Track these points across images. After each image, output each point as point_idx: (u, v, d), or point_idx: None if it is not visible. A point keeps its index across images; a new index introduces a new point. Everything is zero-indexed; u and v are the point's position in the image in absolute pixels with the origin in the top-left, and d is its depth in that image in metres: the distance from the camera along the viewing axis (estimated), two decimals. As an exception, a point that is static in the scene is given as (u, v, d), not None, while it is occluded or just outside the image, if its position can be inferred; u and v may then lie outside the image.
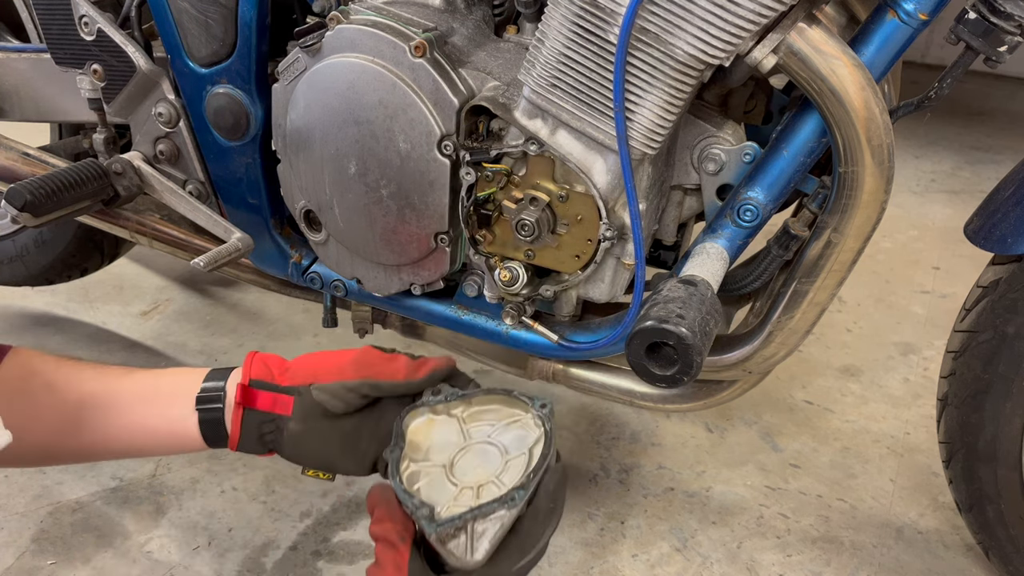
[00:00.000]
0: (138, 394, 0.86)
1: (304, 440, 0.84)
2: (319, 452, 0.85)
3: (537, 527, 0.74)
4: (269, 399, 0.84)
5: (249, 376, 0.85)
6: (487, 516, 0.72)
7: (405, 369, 0.84)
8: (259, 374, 0.85)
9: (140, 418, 0.86)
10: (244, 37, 0.98)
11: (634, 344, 0.81)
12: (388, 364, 0.84)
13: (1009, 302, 0.95)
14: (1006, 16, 0.76)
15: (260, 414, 0.84)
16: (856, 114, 0.78)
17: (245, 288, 1.82)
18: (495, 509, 0.72)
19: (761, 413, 1.49)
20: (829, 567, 1.19)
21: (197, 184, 1.13)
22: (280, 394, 0.84)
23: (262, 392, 0.84)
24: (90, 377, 0.86)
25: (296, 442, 0.84)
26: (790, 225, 0.91)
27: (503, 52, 0.93)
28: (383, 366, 0.84)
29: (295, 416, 0.83)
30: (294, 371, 0.85)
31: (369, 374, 0.83)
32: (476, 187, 0.91)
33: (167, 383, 0.87)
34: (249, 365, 0.86)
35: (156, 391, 0.87)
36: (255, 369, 0.85)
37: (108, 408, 0.85)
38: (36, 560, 1.15)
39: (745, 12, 0.72)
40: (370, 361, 0.84)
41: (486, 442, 0.82)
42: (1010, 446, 1.01)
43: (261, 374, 0.85)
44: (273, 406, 0.84)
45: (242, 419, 0.84)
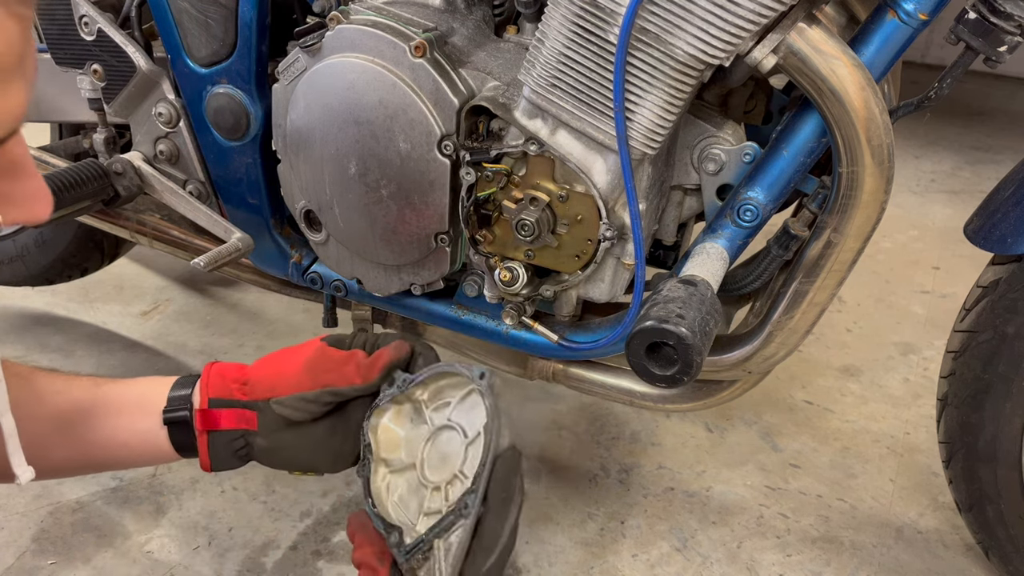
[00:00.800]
0: (107, 408, 0.84)
1: (276, 452, 0.83)
2: (295, 459, 0.84)
3: (496, 522, 0.73)
4: (233, 416, 0.82)
5: (208, 396, 0.82)
6: (447, 532, 0.73)
7: (360, 371, 0.82)
8: (217, 391, 0.83)
9: (111, 432, 0.83)
10: (244, 37, 0.98)
11: (634, 344, 0.81)
12: (342, 368, 0.82)
13: (1009, 302, 0.95)
14: (1006, 16, 0.76)
15: (227, 433, 0.82)
16: (856, 114, 0.78)
17: (245, 288, 1.82)
18: (452, 523, 0.73)
19: (761, 413, 1.49)
20: (829, 567, 1.19)
21: (197, 184, 1.13)
22: (243, 410, 0.82)
23: (225, 411, 0.82)
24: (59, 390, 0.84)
25: (269, 454, 0.84)
26: (790, 225, 0.91)
27: (503, 52, 0.93)
28: (338, 371, 0.82)
29: (261, 431, 0.82)
30: (252, 384, 0.83)
31: (326, 381, 0.81)
32: (476, 187, 0.91)
33: (134, 395, 0.85)
34: (206, 383, 0.83)
35: (123, 404, 0.85)
36: (212, 386, 0.83)
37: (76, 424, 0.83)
38: (36, 560, 1.15)
39: (745, 12, 0.72)
40: (325, 366, 0.82)
41: (447, 426, 0.81)
42: (1010, 446, 1.01)
43: (219, 391, 0.83)
44: (238, 423, 0.82)
45: (208, 443, 0.82)
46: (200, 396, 0.83)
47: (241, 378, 0.84)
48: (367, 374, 0.82)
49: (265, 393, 0.82)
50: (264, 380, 0.83)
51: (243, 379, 0.84)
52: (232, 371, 0.84)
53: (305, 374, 0.82)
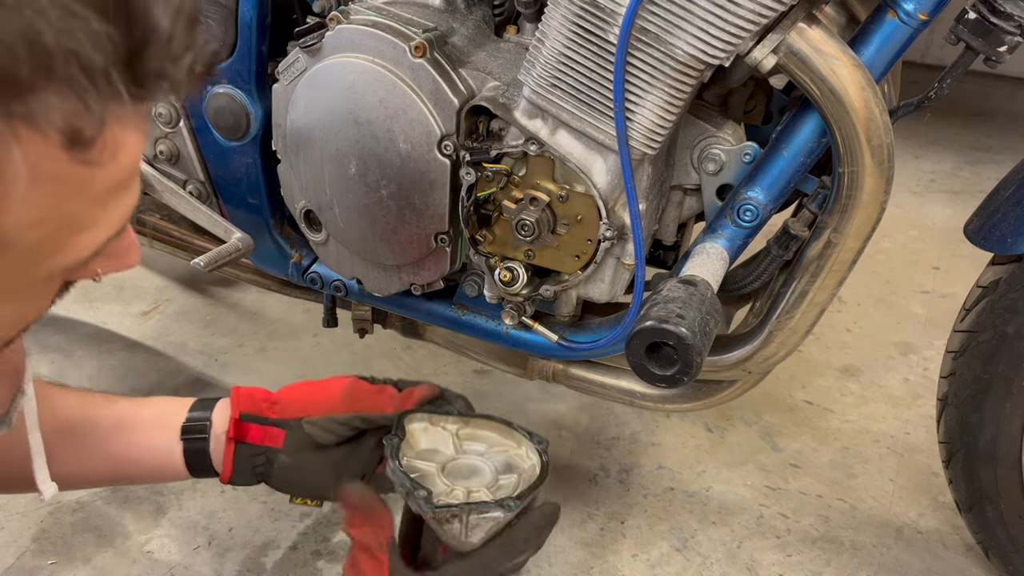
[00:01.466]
0: (121, 423, 0.86)
1: (295, 471, 0.86)
2: (309, 482, 0.87)
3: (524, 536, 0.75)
4: (259, 432, 0.85)
5: (239, 410, 0.85)
6: (482, 513, 0.73)
7: (393, 402, 0.87)
8: (247, 408, 0.85)
9: (123, 447, 0.85)
10: (244, 37, 0.98)
11: (634, 344, 0.81)
12: (376, 397, 0.87)
13: (1009, 302, 0.95)
14: (1006, 16, 0.76)
15: (251, 447, 0.85)
16: (856, 114, 0.78)
17: (245, 288, 1.81)
18: (491, 508, 0.74)
19: (761, 413, 1.49)
20: (829, 567, 1.19)
21: (197, 184, 1.13)
22: (270, 427, 0.85)
23: (252, 426, 0.85)
24: (72, 405, 0.85)
25: (287, 473, 0.86)
26: (790, 225, 0.91)
27: (503, 52, 0.93)
28: (372, 399, 0.87)
29: (286, 449, 0.85)
30: (283, 404, 0.86)
31: (359, 408, 0.85)
32: (476, 187, 0.91)
33: (150, 413, 0.87)
34: (237, 400, 0.86)
35: (139, 420, 0.87)
36: (243, 403, 0.86)
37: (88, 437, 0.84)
38: (36, 560, 1.15)
39: (745, 12, 0.72)
40: (359, 395, 0.87)
41: (478, 458, 0.84)
42: (1010, 446, 1.01)
43: (249, 408, 0.85)
44: (263, 439, 0.85)
45: (234, 453, 0.84)
46: (232, 408, 0.85)
47: (270, 399, 0.87)
48: (400, 405, 0.86)
49: (296, 413, 0.85)
50: (296, 401, 0.86)
51: (273, 400, 0.87)
52: (261, 393, 0.87)
53: (339, 400, 0.86)
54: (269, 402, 0.86)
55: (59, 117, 0.37)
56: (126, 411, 0.87)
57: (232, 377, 1.53)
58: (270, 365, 1.57)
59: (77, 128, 0.38)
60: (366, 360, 1.59)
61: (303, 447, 0.85)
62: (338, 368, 1.57)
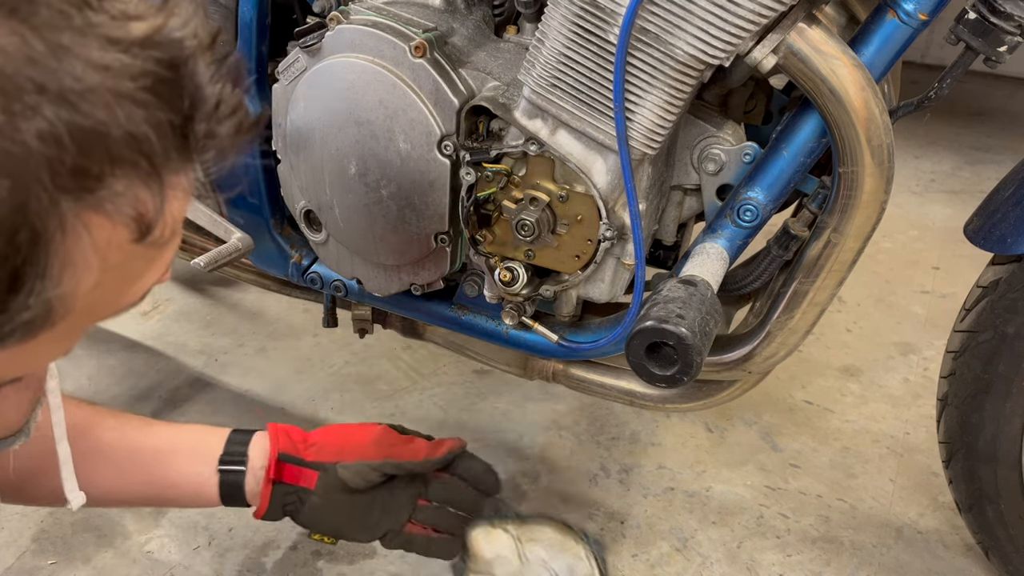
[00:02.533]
0: (157, 449, 0.89)
1: (324, 512, 0.89)
2: (335, 522, 0.91)
3: None
4: (294, 472, 0.89)
5: (278, 450, 0.88)
6: None
7: (424, 450, 0.92)
8: (285, 447, 0.89)
9: (160, 473, 0.88)
10: (244, 37, 0.98)
11: (634, 344, 0.81)
12: (407, 445, 0.92)
13: (1009, 302, 0.95)
14: (1006, 16, 0.76)
15: (285, 487, 0.88)
16: (856, 114, 0.78)
17: (245, 288, 1.81)
18: None
19: (761, 413, 1.49)
20: (829, 567, 1.19)
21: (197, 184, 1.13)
22: (305, 468, 0.89)
23: (288, 465, 0.89)
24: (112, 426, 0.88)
25: (316, 513, 0.89)
26: (790, 225, 0.91)
27: (503, 52, 0.93)
28: (403, 447, 0.92)
29: (318, 490, 0.88)
30: (320, 447, 0.90)
31: (390, 454, 0.90)
32: (476, 187, 0.91)
33: (188, 440, 0.90)
34: (275, 438, 0.89)
35: (176, 447, 0.90)
36: (281, 442, 0.89)
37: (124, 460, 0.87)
38: (36, 560, 1.15)
39: (745, 12, 0.72)
40: (391, 442, 0.92)
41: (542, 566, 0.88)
42: (1010, 446, 1.01)
43: (287, 447, 0.89)
44: (297, 479, 0.89)
45: (271, 494, 0.88)
46: (271, 447, 0.88)
47: (306, 440, 0.90)
48: (430, 454, 0.91)
49: (332, 457, 0.89)
50: (332, 445, 0.90)
51: (309, 441, 0.90)
52: (296, 433, 0.92)
53: (372, 446, 0.91)
54: (305, 443, 0.90)
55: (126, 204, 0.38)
56: (163, 436, 0.90)
57: (232, 377, 1.53)
58: (270, 365, 1.57)
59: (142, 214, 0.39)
60: (366, 360, 1.59)
61: (334, 489, 0.88)
62: (338, 368, 1.57)
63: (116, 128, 0.36)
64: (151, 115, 0.37)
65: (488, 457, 0.98)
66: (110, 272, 0.41)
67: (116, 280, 0.42)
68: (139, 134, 0.37)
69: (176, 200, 0.42)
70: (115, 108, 0.36)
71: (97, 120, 0.36)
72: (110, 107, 0.36)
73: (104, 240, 0.38)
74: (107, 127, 0.36)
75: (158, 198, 0.39)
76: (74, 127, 0.35)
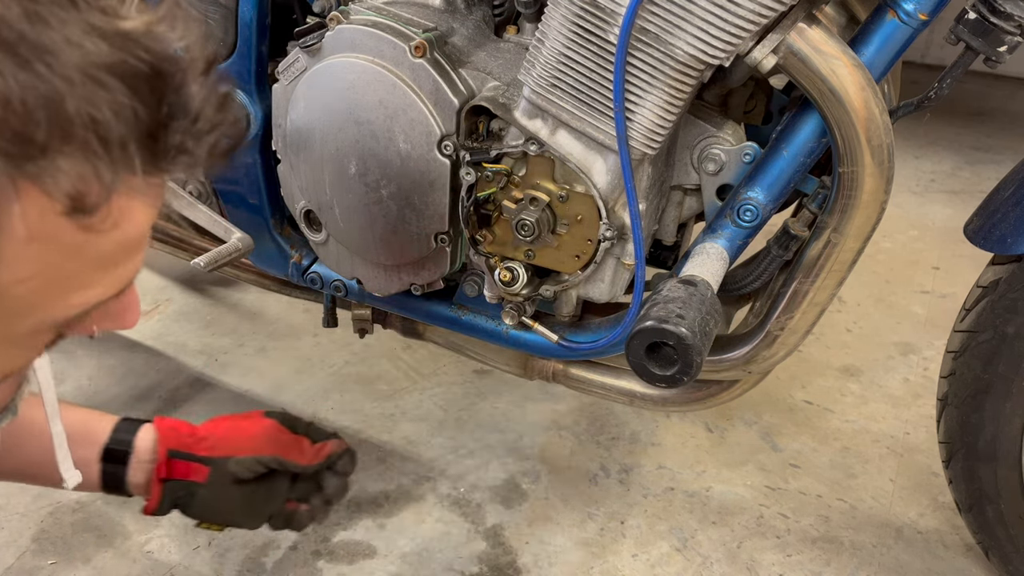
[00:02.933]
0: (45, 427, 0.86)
1: (213, 504, 0.91)
2: (224, 512, 0.93)
3: None
4: (184, 468, 0.90)
5: (167, 447, 0.89)
6: None
7: (309, 453, 0.96)
8: (174, 444, 0.90)
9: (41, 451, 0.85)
10: (244, 37, 0.98)
11: (634, 344, 0.81)
12: (295, 446, 0.95)
13: (1009, 302, 0.95)
14: (1006, 16, 0.76)
15: (175, 483, 0.89)
16: (856, 114, 0.78)
17: (245, 288, 1.81)
18: None
19: (761, 413, 1.49)
20: (829, 567, 1.19)
21: (197, 184, 1.13)
22: (196, 463, 0.90)
23: (179, 462, 0.89)
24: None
25: (205, 505, 0.91)
26: (790, 225, 0.91)
27: (503, 52, 0.93)
28: (291, 448, 0.95)
29: (208, 484, 0.90)
30: (212, 442, 0.91)
31: (280, 452, 0.93)
32: (476, 187, 0.91)
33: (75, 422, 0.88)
34: (164, 435, 0.90)
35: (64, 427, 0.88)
36: (170, 439, 0.90)
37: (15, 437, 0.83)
38: (36, 560, 1.15)
39: (745, 12, 0.72)
40: (281, 441, 0.95)
41: None
42: (1010, 446, 1.01)
43: (176, 444, 0.90)
44: (187, 474, 0.90)
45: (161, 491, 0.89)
46: (160, 444, 0.89)
47: (195, 434, 0.92)
48: (312, 460, 0.96)
49: (225, 452, 0.91)
50: (225, 440, 0.92)
51: (199, 435, 0.92)
52: (184, 427, 0.92)
53: (264, 441, 0.93)
54: (195, 438, 0.91)
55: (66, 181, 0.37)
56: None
57: (232, 377, 1.53)
58: (270, 365, 1.57)
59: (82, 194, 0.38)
60: (366, 360, 1.59)
61: (224, 482, 0.90)
62: (338, 368, 1.57)
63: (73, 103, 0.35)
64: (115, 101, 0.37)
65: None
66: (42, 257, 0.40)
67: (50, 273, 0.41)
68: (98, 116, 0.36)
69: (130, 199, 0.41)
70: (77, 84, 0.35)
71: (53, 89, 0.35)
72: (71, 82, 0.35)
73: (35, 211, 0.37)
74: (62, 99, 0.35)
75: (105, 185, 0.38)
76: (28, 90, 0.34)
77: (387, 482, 1.31)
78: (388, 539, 1.21)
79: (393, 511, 1.26)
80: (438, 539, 1.21)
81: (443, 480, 1.32)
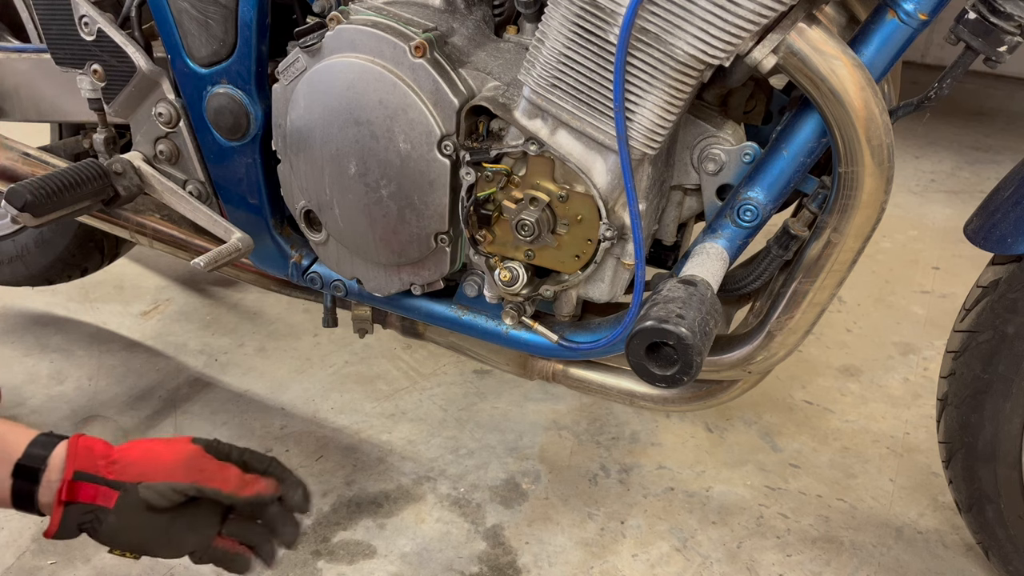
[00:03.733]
0: None
1: (122, 531, 0.86)
2: (135, 541, 0.87)
3: None
4: (91, 491, 0.84)
5: (74, 468, 0.84)
6: None
7: (234, 482, 0.88)
8: (83, 465, 0.85)
9: None
10: (244, 37, 0.98)
11: (634, 344, 0.81)
12: (219, 472, 0.88)
13: (1009, 302, 0.95)
14: (1006, 16, 0.76)
15: (81, 506, 0.84)
16: (856, 114, 0.78)
17: (245, 288, 1.82)
18: None
19: (761, 413, 1.49)
20: (829, 567, 1.19)
21: (197, 184, 1.13)
22: (104, 487, 0.85)
23: (86, 484, 0.84)
24: None
25: (113, 533, 0.86)
26: (790, 225, 0.91)
27: (503, 52, 0.93)
28: (213, 472, 0.87)
29: (116, 510, 0.84)
30: (122, 465, 0.86)
31: (199, 479, 0.86)
32: (476, 187, 0.91)
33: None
34: (74, 454, 0.85)
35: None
36: (80, 459, 0.85)
37: None
38: (36, 560, 1.15)
39: (745, 12, 0.72)
40: (201, 466, 0.87)
41: None
42: (1010, 446, 1.01)
43: (86, 465, 0.85)
44: (95, 498, 0.84)
45: (63, 514, 0.84)
46: (67, 465, 0.84)
47: (109, 456, 0.86)
48: (239, 489, 0.88)
49: (135, 476, 0.85)
50: (136, 464, 0.86)
51: (111, 458, 0.86)
52: (100, 447, 0.87)
53: (181, 467, 0.86)
54: (107, 460, 0.86)
55: None
56: None
57: (232, 377, 1.53)
58: (270, 365, 1.57)
59: None
60: (366, 360, 1.59)
61: (134, 509, 0.85)
62: (338, 368, 1.57)
63: None
64: None
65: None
66: None
67: None
68: None
69: None
70: None
71: None
72: None
73: None
74: None
75: None
76: None
77: (387, 482, 1.31)
78: (388, 539, 1.21)
79: (393, 511, 1.26)
80: (438, 539, 1.21)
81: (443, 480, 1.32)
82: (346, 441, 1.39)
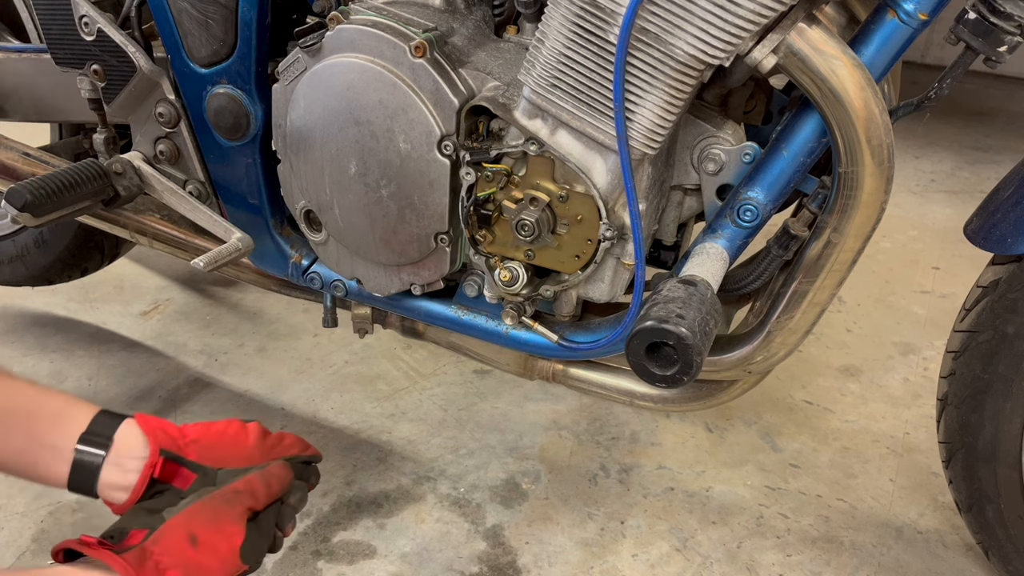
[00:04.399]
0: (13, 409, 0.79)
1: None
2: None
3: None
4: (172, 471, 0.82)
5: (158, 446, 0.81)
6: None
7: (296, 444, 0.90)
8: (165, 443, 0.82)
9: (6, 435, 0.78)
10: (244, 37, 0.98)
11: (634, 344, 0.81)
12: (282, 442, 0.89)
13: (1009, 302, 0.95)
14: (1006, 16, 0.76)
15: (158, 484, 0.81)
16: (856, 114, 0.78)
17: (245, 288, 1.82)
18: None
19: (761, 413, 1.49)
20: (829, 567, 1.19)
21: (197, 184, 1.13)
22: (184, 468, 0.82)
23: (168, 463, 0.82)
24: None
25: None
26: (790, 225, 0.91)
27: (503, 52, 0.93)
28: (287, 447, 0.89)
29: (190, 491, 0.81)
30: (201, 447, 0.84)
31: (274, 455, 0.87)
32: (476, 187, 0.91)
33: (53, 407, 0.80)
34: (153, 433, 0.82)
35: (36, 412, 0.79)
36: (160, 439, 0.82)
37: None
38: (36, 560, 1.15)
39: (745, 12, 0.72)
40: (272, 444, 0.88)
41: None
42: (1010, 446, 1.01)
43: (167, 444, 0.82)
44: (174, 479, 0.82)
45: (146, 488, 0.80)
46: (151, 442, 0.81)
47: (185, 437, 0.84)
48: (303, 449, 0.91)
49: (216, 462, 0.84)
50: (215, 448, 0.85)
51: (188, 439, 0.84)
52: (172, 428, 0.84)
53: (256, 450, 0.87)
54: (184, 439, 0.83)
55: None
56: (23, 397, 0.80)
57: (232, 377, 1.53)
58: (270, 365, 1.57)
59: None
60: (366, 360, 1.59)
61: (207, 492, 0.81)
62: (338, 368, 1.57)
63: None
64: None
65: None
66: None
67: None
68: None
69: None
70: None
71: None
72: None
73: None
74: None
75: None
76: None
77: (387, 482, 1.31)
78: (388, 539, 1.21)
79: (393, 511, 1.26)
80: (438, 539, 1.21)
81: (443, 480, 1.32)
82: (346, 441, 1.39)
